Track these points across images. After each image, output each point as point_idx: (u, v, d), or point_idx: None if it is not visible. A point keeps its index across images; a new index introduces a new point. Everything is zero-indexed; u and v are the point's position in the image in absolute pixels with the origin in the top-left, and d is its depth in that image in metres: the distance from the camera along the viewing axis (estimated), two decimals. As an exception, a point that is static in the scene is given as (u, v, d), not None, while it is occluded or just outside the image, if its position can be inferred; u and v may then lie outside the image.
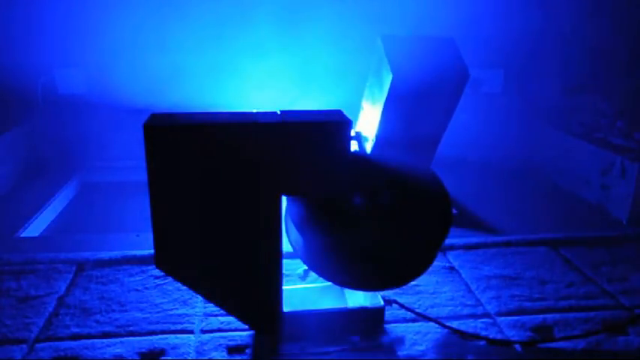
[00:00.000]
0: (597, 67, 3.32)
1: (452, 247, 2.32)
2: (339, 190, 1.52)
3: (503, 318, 1.84)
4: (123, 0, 3.09)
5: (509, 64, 3.51)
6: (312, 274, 2.08)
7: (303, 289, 1.81)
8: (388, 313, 1.78)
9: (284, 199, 1.56)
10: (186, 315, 1.83)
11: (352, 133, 1.67)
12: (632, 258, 2.28)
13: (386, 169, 1.70)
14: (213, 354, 1.64)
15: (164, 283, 2.01)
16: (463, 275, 2.11)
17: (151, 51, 3.13)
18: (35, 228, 2.71)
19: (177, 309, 1.86)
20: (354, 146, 1.71)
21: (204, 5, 3.13)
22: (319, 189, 1.52)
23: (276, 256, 1.53)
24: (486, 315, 1.86)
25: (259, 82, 3.05)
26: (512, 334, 1.76)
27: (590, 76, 3.34)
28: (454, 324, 1.78)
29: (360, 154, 1.93)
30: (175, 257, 1.51)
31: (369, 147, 2.43)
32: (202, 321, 1.80)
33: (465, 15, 3.21)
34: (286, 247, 1.59)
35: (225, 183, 1.44)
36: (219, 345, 1.68)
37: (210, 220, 1.47)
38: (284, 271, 1.60)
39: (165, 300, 1.91)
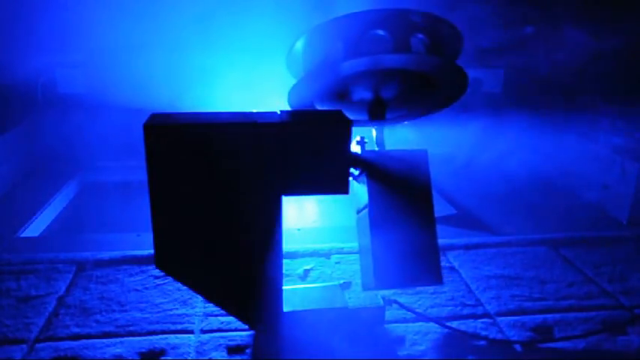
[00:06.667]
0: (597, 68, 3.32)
1: (452, 247, 2.32)
2: (339, 191, 1.52)
3: (503, 318, 1.84)
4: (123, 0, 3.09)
5: (510, 63, 3.51)
6: (312, 274, 2.09)
7: (303, 289, 1.81)
8: (388, 313, 1.78)
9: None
10: (186, 315, 1.83)
11: (357, 138, 1.66)
12: (632, 258, 2.28)
13: None
14: (213, 354, 1.64)
15: (164, 283, 2.01)
16: (463, 275, 2.11)
17: (152, 51, 3.12)
18: (35, 228, 2.71)
19: (177, 309, 1.86)
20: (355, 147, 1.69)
21: (206, 5, 3.13)
22: (319, 189, 1.52)
23: (276, 256, 1.53)
24: (486, 315, 1.86)
25: (261, 82, 3.05)
26: (512, 334, 1.76)
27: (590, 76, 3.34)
28: (454, 324, 1.79)
29: None
30: (175, 257, 1.50)
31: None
32: (202, 321, 1.80)
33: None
34: (286, 247, 1.58)
35: (225, 183, 1.44)
36: (219, 345, 1.68)
37: (210, 219, 1.47)
38: (284, 271, 1.60)
39: (166, 300, 1.91)
